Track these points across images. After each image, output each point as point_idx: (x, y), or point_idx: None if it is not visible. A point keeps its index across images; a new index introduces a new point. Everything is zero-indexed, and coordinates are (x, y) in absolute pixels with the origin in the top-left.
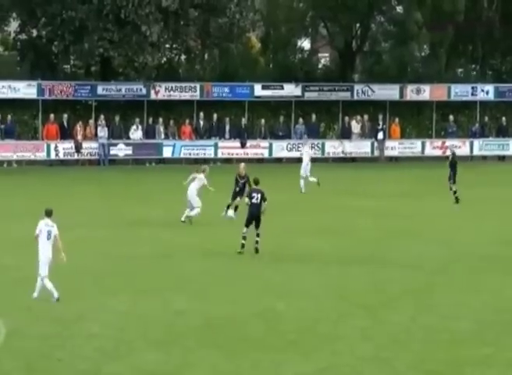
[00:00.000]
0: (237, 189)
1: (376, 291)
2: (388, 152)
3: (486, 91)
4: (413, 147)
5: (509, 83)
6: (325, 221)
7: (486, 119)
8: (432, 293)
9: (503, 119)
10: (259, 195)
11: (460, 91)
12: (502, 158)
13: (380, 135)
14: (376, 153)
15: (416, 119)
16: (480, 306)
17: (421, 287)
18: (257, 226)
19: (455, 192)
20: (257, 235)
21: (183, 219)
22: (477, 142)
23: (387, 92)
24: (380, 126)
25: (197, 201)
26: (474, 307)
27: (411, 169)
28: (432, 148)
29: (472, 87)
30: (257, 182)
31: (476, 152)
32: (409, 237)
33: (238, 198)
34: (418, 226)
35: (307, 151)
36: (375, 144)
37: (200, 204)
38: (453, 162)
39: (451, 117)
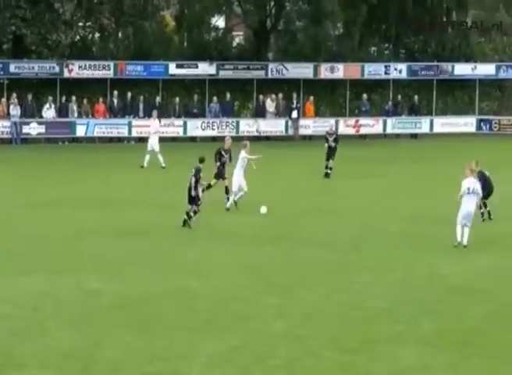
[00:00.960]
0: (221, 167)
1: (290, 269)
2: (302, 131)
3: (399, 70)
4: (327, 125)
5: (421, 62)
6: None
7: (399, 97)
8: (346, 271)
9: (416, 97)
10: (193, 171)
11: (373, 70)
12: (414, 136)
13: (294, 114)
14: (290, 132)
15: (330, 97)
16: (392, 284)
17: (335, 265)
18: (189, 202)
19: (331, 168)
20: (187, 213)
21: (227, 206)
22: (390, 120)
23: (301, 71)
24: (294, 105)
25: (244, 184)
26: (386, 284)
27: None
28: (346, 126)
29: (385, 66)
30: (201, 160)
31: (389, 130)
32: (322, 215)
33: (221, 179)
34: (331, 204)
35: (155, 131)
36: (290, 122)
37: (246, 188)
38: (335, 143)
39: (364, 96)
